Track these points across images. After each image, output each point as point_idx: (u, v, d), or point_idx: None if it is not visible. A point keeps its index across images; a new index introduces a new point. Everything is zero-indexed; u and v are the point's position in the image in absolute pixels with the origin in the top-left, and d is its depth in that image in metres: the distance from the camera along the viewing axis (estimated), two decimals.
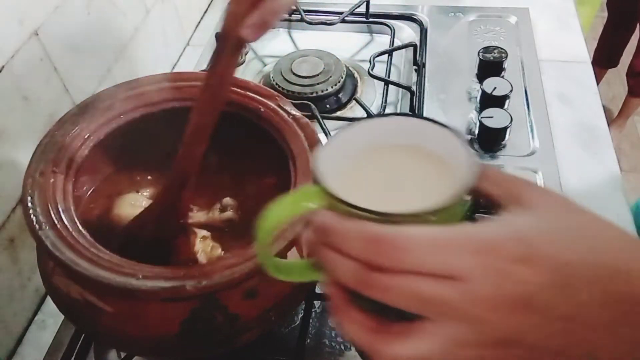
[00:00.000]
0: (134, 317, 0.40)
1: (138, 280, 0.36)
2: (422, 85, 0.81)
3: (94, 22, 0.65)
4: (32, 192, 0.40)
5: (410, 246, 0.23)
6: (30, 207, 0.40)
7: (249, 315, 0.41)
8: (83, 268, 0.37)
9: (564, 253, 0.23)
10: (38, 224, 0.39)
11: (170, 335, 0.40)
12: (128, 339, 0.41)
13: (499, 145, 0.71)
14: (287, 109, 0.48)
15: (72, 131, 0.45)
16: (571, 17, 0.93)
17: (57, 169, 0.42)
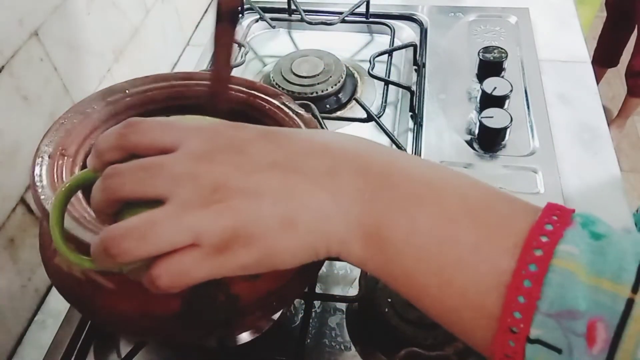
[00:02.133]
0: (135, 294, 0.40)
1: None
2: (422, 85, 0.81)
3: (94, 22, 0.65)
4: (40, 169, 0.41)
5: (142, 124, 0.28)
6: (38, 183, 0.40)
7: (250, 297, 0.41)
8: (88, 238, 0.37)
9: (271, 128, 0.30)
10: (45, 197, 0.39)
11: (171, 314, 0.40)
12: (128, 318, 0.41)
13: (499, 145, 0.71)
14: (292, 107, 0.48)
15: (82, 120, 0.46)
16: (571, 17, 0.93)
17: (65, 152, 0.43)
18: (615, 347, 0.22)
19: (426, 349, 0.50)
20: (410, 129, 0.76)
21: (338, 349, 0.54)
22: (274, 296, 0.42)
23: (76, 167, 0.43)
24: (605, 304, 0.22)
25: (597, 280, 0.22)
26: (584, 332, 0.22)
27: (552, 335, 0.23)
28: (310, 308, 0.55)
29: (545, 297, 0.23)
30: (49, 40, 0.57)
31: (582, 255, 0.23)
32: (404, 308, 0.54)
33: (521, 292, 0.23)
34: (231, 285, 0.40)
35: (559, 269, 0.23)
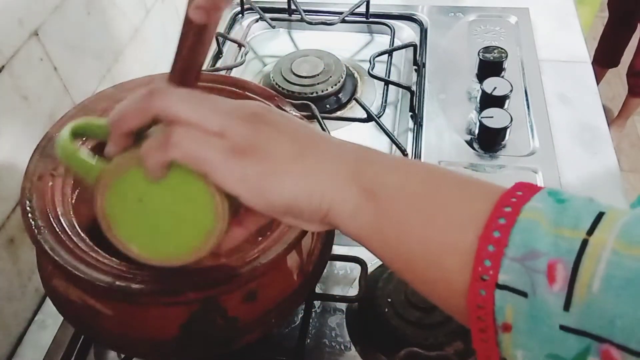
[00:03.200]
0: (133, 320, 0.40)
1: (137, 284, 0.36)
2: (422, 85, 0.81)
3: (94, 22, 0.65)
4: (30, 195, 0.40)
5: None
6: (29, 211, 0.39)
7: (248, 318, 0.41)
8: (82, 272, 0.37)
9: None
10: (37, 228, 0.38)
11: (170, 338, 0.40)
12: (128, 342, 0.41)
13: (499, 145, 0.71)
14: (286, 110, 0.48)
15: None
16: (571, 17, 0.93)
17: (56, 172, 0.42)
18: (573, 282, 0.23)
19: (426, 349, 0.50)
20: (410, 129, 0.76)
21: (338, 349, 0.54)
22: (273, 313, 0.42)
23: (67, 187, 0.42)
24: (564, 246, 0.24)
25: (558, 229, 0.25)
26: (545, 270, 0.24)
27: (518, 279, 0.25)
28: (310, 308, 0.55)
29: (511, 243, 0.25)
30: (49, 40, 0.57)
31: (546, 210, 0.26)
32: (404, 308, 0.54)
33: (491, 241, 0.26)
34: (229, 309, 0.40)
35: (525, 220, 0.25)
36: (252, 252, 0.39)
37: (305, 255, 0.44)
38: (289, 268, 0.42)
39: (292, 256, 0.42)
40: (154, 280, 0.37)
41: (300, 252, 0.43)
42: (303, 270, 0.44)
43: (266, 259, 0.38)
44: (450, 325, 0.52)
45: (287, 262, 0.42)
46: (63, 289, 0.41)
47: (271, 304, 0.42)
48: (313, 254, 0.45)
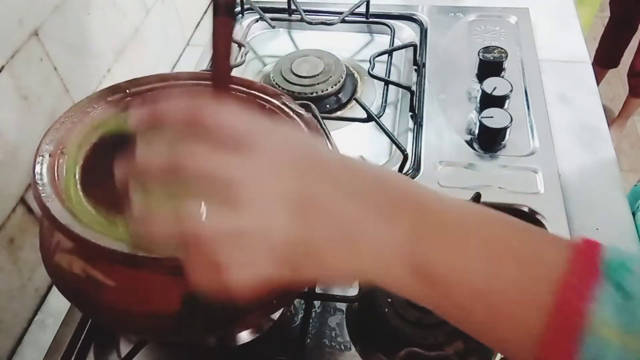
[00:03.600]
0: (136, 291, 0.40)
1: None
2: (422, 85, 0.81)
3: (94, 22, 0.65)
4: (40, 168, 0.41)
5: None
6: (39, 181, 0.40)
7: None
8: (89, 235, 0.37)
9: None
10: (46, 195, 0.39)
11: (172, 312, 0.40)
12: (128, 316, 0.41)
13: (499, 145, 0.71)
14: (292, 107, 0.48)
15: (83, 119, 0.46)
16: (571, 17, 0.93)
17: (66, 150, 0.43)
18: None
19: (426, 349, 0.50)
20: (410, 129, 0.76)
21: (338, 349, 0.54)
22: (274, 295, 0.42)
23: (77, 166, 0.44)
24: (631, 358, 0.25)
25: (625, 339, 0.25)
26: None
27: None
28: (310, 308, 0.55)
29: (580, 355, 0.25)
30: (49, 40, 0.57)
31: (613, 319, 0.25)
32: (404, 308, 0.54)
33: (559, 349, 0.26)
34: None
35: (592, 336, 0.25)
36: None
37: None
38: None
39: None
40: None
41: None
42: None
43: None
44: (450, 326, 0.52)
45: None
46: (66, 264, 0.42)
47: None
48: None
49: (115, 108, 0.48)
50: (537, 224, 0.62)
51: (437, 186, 0.66)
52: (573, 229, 0.61)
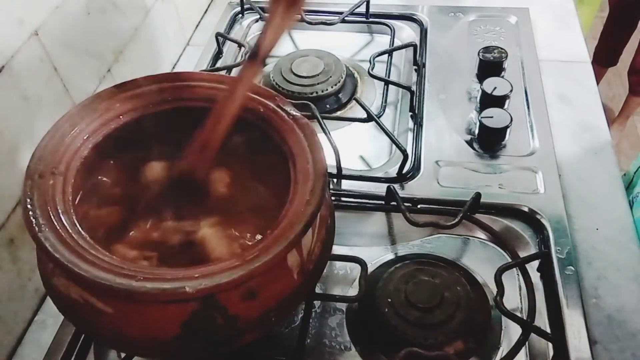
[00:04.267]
0: (134, 318, 0.40)
1: (138, 282, 0.36)
2: (422, 85, 0.81)
3: (94, 22, 0.65)
4: (31, 193, 0.40)
5: None
6: (30, 209, 0.39)
7: (249, 316, 0.41)
8: (83, 270, 0.37)
9: None
10: (37, 226, 0.39)
11: (171, 336, 0.40)
12: (128, 341, 0.41)
13: (499, 145, 0.71)
14: (287, 109, 0.48)
15: (71, 132, 0.45)
16: (571, 17, 0.93)
17: (56, 171, 0.42)
18: None
19: (426, 349, 0.50)
20: (410, 129, 0.76)
21: (338, 349, 0.54)
22: (273, 312, 0.42)
23: (68, 185, 0.43)
24: None
25: None
26: None
27: None
28: (310, 308, 0.55)
29: None
30: (49, 40, 0.57)
31: None
32: (404, 308, 0.54)
33: None
34: (229, 308, 0.40)
35: None
36: (252, 251, 0.39)
37: (306, 254, 0.44)
38: (289, 267, 0.42)
39: (292, 255, 0.42)
40: (154, 278, 0.37)
41: (300, 251, 0.43)
42: (303, 269, 0.44)
43: (266, 257, 0.38)
44: (450, 325, 0.52)
45: (287, 260, 0.42)
46: (63, 287, 0.41)
47: (271, 302, 0.42)
48: (313, 253, 0.45)
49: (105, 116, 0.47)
50: (537, 223, 0.62)
51: (437, 186, 0.66)
52: (573, 229, 0.61)
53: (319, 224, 0.46)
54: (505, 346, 0.53)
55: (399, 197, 0.62)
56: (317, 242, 0.45)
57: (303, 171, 0.43)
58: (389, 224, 0.65)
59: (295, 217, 0.40)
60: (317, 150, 0.45)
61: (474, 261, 0.61)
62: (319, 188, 0.42)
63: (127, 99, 0.48)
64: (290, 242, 0.39)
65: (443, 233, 0.63)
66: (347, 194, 0.66)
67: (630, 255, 0.60)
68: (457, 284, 0.55)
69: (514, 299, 0.57)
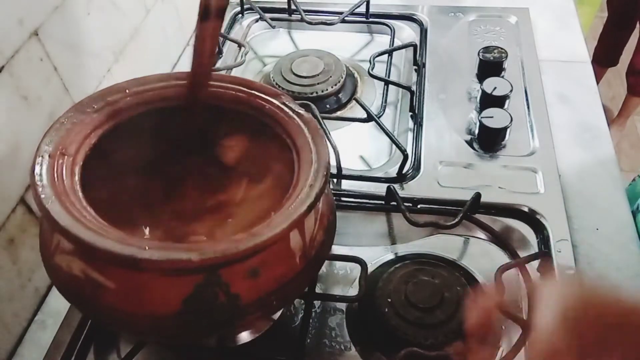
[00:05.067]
0: (136, 293, 0.40)
1: (144, 251, 0.37)
2: (422, 85, 0.81)
3: (94, 22, 0.65)
4: (40, 169, 0.41)
5: None
6: (38, 182, 0.40)
7: (250, 297, 0.41)
8: (89, 237, 0.37)
9: None
10: (45, 196, 0.39)
11: (172, 313, 0.40)
12: (129, 318, 0.41)
13: (499, 145, 0.71)
14: (292, 106, 0.48)
15: (82, 119, 0.46)
16: (571, 17, 0.93)
17: (66, 152, 0.43)
18: None
19: (426, 349, 0.50)
20: (410, 129, 0.76)
21: (338, 349, 0.54)
22: (275, 295, 0.42)
23: (76, 167, 0.43)
24: None
25: None
26: None
27: None
28: (310, 308, 0.55)
29: None
30: (49, 40, 0.57)
31: None
32: (404, 308, 0.54)
33: None
34: (231, 285, 0.40)
35: None
36: (257, 227, 0.39)
37: (308, 238, 0.44)
38: (292, 249, 0.43)
39: (295, 236, 0.42)
40: (160, 248, 0.37)
41: (303, 234, 0.43)
42: (305, 254, 0.44)
43: (271, 232, 0.39)
44: (450, 325, 0.52)
45: (290, 240, 0.42)
46: (66, 265, 0.42)
47: (273, 284, 0.42)
48: (315, 239, 0.45)
49: (115, 108, 0.48)
50: (537, 224, 0.62)
51: (437, 186, 0.66)
52: (573, 229, 0.61)
53: (321, 213, 0.46)
54: (505, 346, 0.53)
55: (399, 197, 0.62)
56: (319, 230, 0.46)
57: (307, 159, 0.44)
58: (389, 224, 0.65)
59: (299, 198, 0.41)
60: (320, 142, 0.45)
61: (474, 261, 0.61)
62: (322, 172, 0.43)
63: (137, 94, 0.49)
64: (295, 220, 0.39)
65: (443, 233, 0.63)
66: (347, 194, 0.66)
67: (630, 255, 0.60)
68: (457, 284, 0.55)
69: (514, 299, 0.57)
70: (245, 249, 0.38)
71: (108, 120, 0.47)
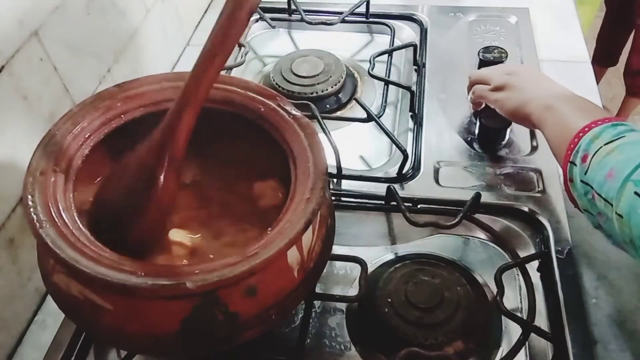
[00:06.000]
0: (134, 315, 0.40)
1: (138, 277, 0.36)
2: (422, 85, 0.81)
3: (94, 22, 0.65)
4: (32, 190, 0.40)
5: None
6: (31, 205, 0.39)
7: (249, 314, 0.41)
8: (83, 265, 0.37)
9: None
10: (39, 222, 0.39)
11: (171, 333, 0.40)
12: (128, 338, 0.41)
13: (499, 145, 0.71)
14: (288, 109, 0.48)
15: (73, 130, 0.45)
16: (571, 17, 0.93)
17: (58, 168, 0.42)
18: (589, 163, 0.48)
19: (426, 349, 0.50)
20: (410, 129, 0.76)
21: (338, 349, 0.54)
22: (273, 310, 0.42)
23: (69, 183, 0.43)
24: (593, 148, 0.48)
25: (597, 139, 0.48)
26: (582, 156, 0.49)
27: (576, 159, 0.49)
28: (310, 308, 0.55)
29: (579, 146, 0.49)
30: (49, 40, 0.57)
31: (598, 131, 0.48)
32: (404, 308, 0.54)
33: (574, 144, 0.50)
34: (229, 304, 0.40)
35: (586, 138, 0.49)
36: (253, 247, 0.39)
37: (306, 252, 0.44)
38: (289, 264, 0.43)
39: (292, 252, 0.42)
40: (155, 274, 0.37)
41: (300, 248, 0.43)
42: (303, 267, 0.44)
43: (267, 253, 0.38)
44: (450, 325, 0.52)
45: (287, 257, 0.42)
46: (64, 285, 0.41)
47: (271, 300, 0.42)
48: (313, 251, 0.45)
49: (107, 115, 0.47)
50: (537, 224, 0.62)
51: (437, 186, 0.66)
52: (573, 229, 0.61)
53: (319, 222, 0.46)
54: (505, 346, 0.53)
55: (399, 197, 0.62)
56: (317, 240, 0.46)
57: (303, 169, 0.44)
58: (389, 224, 0.65)
59: (296, 214, 0.40)
60: (317, 149, 0.45)
61: (474, 261, 0.61)
62: (319, 186, 0.42)
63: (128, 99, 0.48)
64: (291, 239, 0.39)
65: (443, 233, 0.63)
66: (347, 194, 0.66)
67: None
68: (457, 284, 0.55)
69: (514, 299, 0.57)
70: (241, 272, 0.37)
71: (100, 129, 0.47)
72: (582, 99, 0.56)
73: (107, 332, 0.41)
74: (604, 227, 0.49)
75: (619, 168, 0.44)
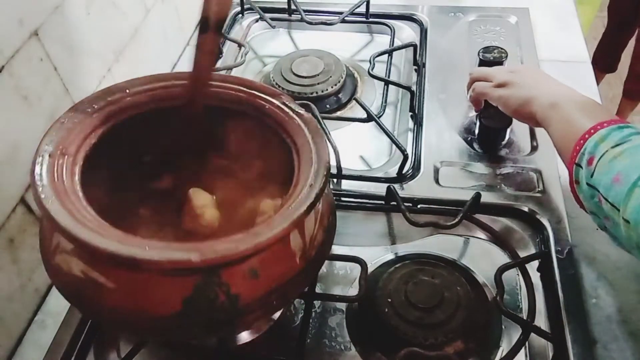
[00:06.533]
0: (136, 293, 0.40)
1: (144, 250, 0.37)
2: (422, 85, 0.81)
3: (94, 22, 0.65)
4: (40, 168, 0.41)
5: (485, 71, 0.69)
6: (38, 182, 0.40)
7: (250, 297, 0.41)
8: (89, 237, 0.37)
9: None
10: (45, 196, 0.39)
11: (172, 313, 0.40)
12: (129, 318, 0.41)
13: (499, 145, 0.71)
14: (292, 106, 0.48)
15: (82, 119, 0.46)
16: (571, 17, 0.93)
17: (66, 151, 0.43)
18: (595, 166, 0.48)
19: (426, 349, 0.50)
20: (410, 129, 0.76)
21: (338, 349, 0.54)
22: (275, 295, 0.42)
23: (76, 166, 0.43)
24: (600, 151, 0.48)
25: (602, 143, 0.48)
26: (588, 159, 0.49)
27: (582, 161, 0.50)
28: (310, 308, 0.55)
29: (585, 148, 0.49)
30: (49, 40, 0.57)
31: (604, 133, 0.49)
32: (404, 308, 0.54)
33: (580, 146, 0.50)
34: (232, 285, 0.40)
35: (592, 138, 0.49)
36: (257, 227, 0.39)
37: (308, 239, 0.44)
38: (292, 249, 0.43)
39: (295, 237, 0.42)
40: (160, 248, 0.37)
41: (303, 234, 0.43)
42: (305, 254, 0.44)
43: (271, 232, 0.39)
44: (450, 325, 0.52)
45: (290, 241, 0.42)
46: (65, 264, 0.41)
47: (273, 284, 0.42)
48: (315, 239, 0.45)
49: (115, 108, 0.48)
50: (537, 224, 0.62)
51: (437, 186, 0.66)
52: (573, 229, 0.61)
53: (321, 212, 0.47)
54: (505, 346, 0.53)
55: (399, 197, 0.62)
56: (319, 229, 0.46)
57: (307, 159, 0.44)
58: (389, 224, 0.65)
59: (299, 198, 0.41)
60: (320, 142, 0.45)
61: (474, 261, 0.61)
62: (322, 173, 0.43)
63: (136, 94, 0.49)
64: (294, 220, 0.39)
65: (443, 233, 0.63)
66: (347, 194, 0.66)
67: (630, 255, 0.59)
68: (457, 284, 0.55)
69: (514, 299, 0.57)
70: (245, 249, 0.38)
71: (108, 120, 0.47)
72: (586, 98, 0.56)
73: (108, 312, 0.41)
74: (611, 231, 0.49)
75: (626, 173, 0.44)
